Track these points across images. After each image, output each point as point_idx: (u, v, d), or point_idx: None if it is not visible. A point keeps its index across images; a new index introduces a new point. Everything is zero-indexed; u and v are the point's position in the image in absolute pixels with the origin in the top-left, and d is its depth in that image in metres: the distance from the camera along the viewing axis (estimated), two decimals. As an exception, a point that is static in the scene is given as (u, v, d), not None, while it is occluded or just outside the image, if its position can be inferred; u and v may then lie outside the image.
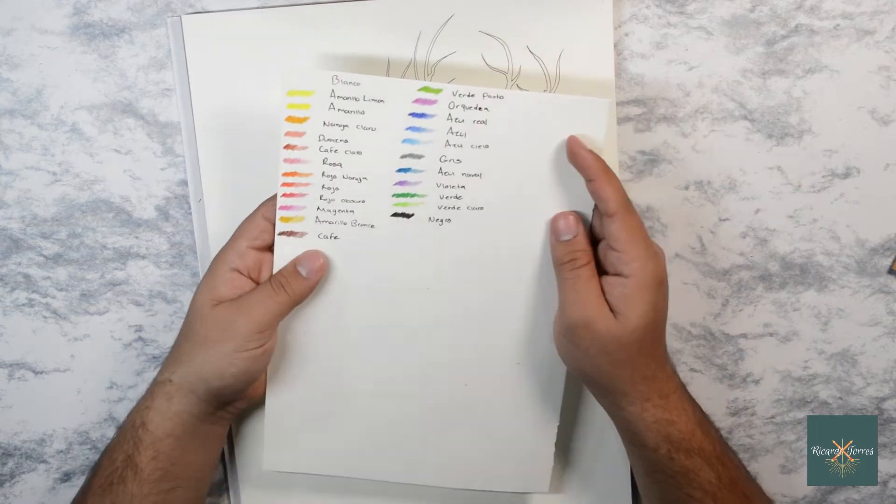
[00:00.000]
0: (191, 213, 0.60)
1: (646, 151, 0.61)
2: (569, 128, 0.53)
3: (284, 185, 0.53)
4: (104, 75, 0.59)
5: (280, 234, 0.54)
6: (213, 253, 0.58)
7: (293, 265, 0.54)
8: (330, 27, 0.58)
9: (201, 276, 0.60)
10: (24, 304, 0.61)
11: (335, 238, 0.55)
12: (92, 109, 0.59)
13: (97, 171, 0.60)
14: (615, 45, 0.60)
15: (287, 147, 0.53)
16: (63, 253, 0.60)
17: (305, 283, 0.54)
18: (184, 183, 0.60)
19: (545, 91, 0.59)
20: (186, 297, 0.61)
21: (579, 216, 0.54)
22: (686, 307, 0.63)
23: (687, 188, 0.62)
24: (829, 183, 0.62)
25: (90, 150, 0.60)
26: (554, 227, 0.54)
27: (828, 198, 0.62)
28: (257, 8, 0.58)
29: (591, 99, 0.53)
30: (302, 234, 0.54)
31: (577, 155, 0.52)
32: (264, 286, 0.54)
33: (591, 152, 0.52)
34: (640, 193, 0.62)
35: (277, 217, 0.54)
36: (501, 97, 0.53)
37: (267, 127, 0.58)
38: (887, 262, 0.63)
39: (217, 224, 0.59)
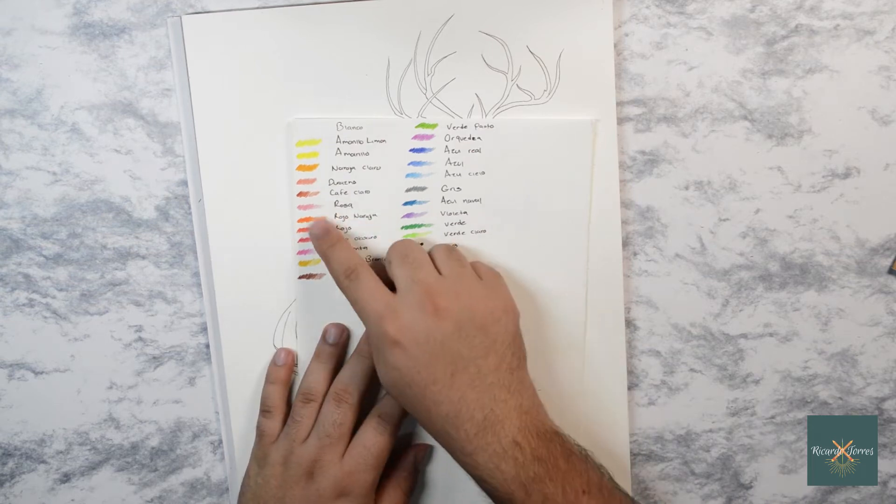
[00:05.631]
0: (191, 213, 0.60)
1: (646, 151, 0.61)
2: (557, 148, 0.56)
3: (301, 230, 0.56)
4: (104, 75, 0.59)
5: (300, 277, 0.57)
6: (214, 253, 0.59)
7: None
8: (330, 27, 0.58)
9: (201, 276, 0.60)
10: (24, 304, 0.61)
11: None
12: (92, 109, 0.59)
13: (97, 171, 0.60)
14: (615, 45, 0.60)
15: (300, 195, 0.55)
16: (63, 253, 0.60)
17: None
18: (184, 183, 0.60)
19: (545, 91, 0.59)
20: (186, 297, 0.61)
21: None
22: (686, 307, 0.63)
23: (687, 188, 0.62)
24: (829, 183, 0.62)
25: (90, 150, 0.59)
26: None
27: (828, 198, 0.62)
28: (257, 8, 0.58)
29: (575, 120, 0.55)
30: (320, 276, 0.57)
31: None
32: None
33: None
34: (640, 193, 0.62)
35: (296, 261, 0.56)
36: (491, 126, 0.56)
37: (266, 127, 0.58)
38: (887, 262, 0.63)
39: (217, 224, 0.59)
